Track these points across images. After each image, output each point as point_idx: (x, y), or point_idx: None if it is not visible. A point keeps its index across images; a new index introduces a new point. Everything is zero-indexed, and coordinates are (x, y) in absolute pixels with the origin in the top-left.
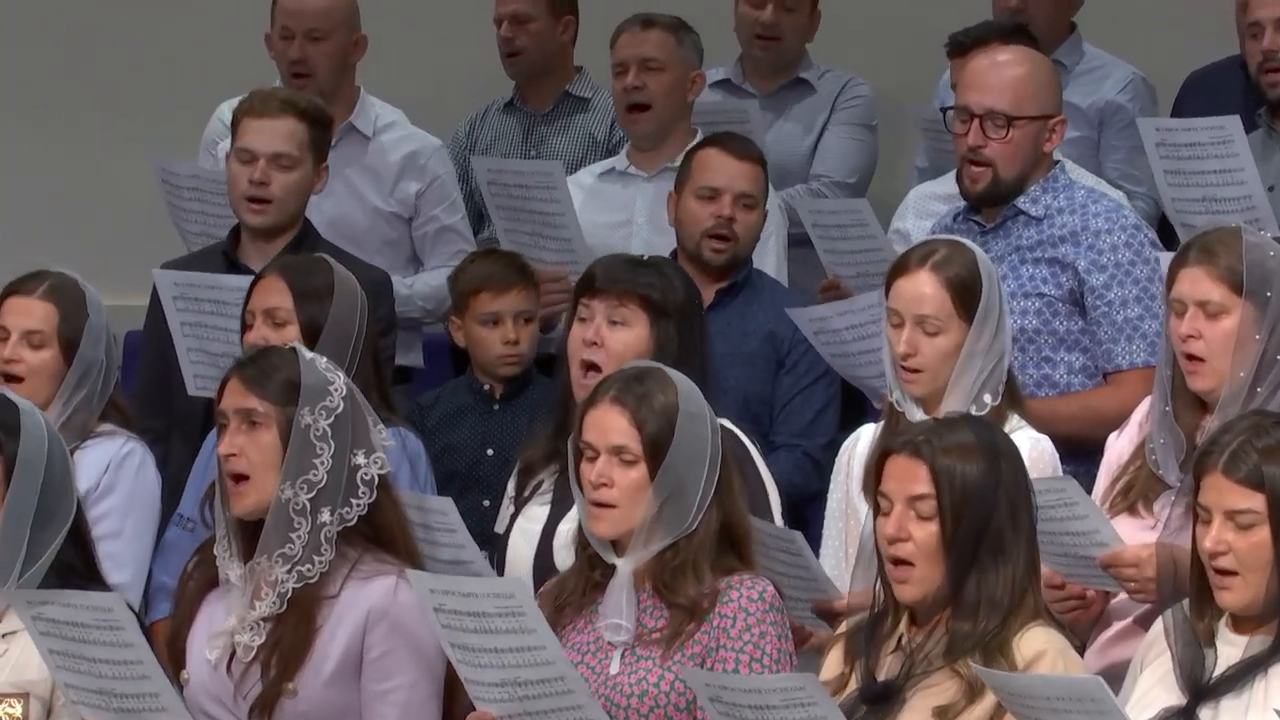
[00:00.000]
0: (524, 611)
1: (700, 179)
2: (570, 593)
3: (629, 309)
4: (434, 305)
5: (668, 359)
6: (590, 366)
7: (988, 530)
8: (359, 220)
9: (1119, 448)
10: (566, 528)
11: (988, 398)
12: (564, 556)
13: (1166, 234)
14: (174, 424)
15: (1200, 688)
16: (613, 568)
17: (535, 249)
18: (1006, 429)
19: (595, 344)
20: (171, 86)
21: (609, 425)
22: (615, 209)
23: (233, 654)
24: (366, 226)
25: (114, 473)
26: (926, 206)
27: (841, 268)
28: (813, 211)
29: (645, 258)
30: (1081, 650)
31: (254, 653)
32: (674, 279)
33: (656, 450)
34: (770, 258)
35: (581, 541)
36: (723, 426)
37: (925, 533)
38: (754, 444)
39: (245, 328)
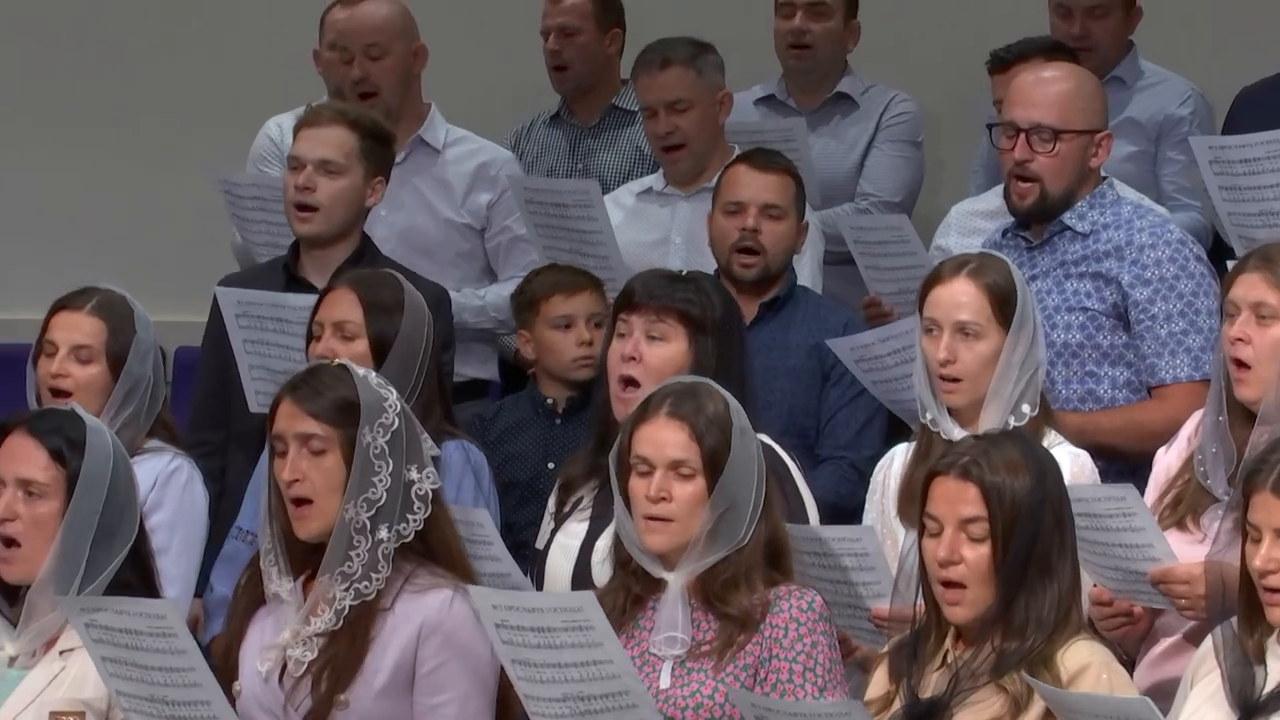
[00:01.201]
0: (592, 625)
1: (726, 195)
2: (612, 608)
3: (667, 324)
4: (507, 316)
5: (706, 374)
6: (629, 382)
7: (1035, 549)
8: (431, 232)
9: (1167, 462)
10: (605, 544)
11: (1026, 408)
12: (601, 572)
13: (1220, 249)
14: (231, 437)
15: (1250, 705)
16: (656, 582)
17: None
18: (1045, 443)
19: (634, 359)
20: (224, 103)
21: (667, 439)
22: (653, 228)
23: (284, 667)
24: (439, 239)
25: (161, 489)
26: (969, 224)
27: (882, 284)
28: (854, 228)
29: (684, 272)
30: (1130, 666)
31: (305, 667)
32: (712, 294)
33: (715, 464)
34: (805, 276)
35: (621, 557)
36: (762, 442)
37: (977, 554)
38: (793, 459)
39: (311, 339)
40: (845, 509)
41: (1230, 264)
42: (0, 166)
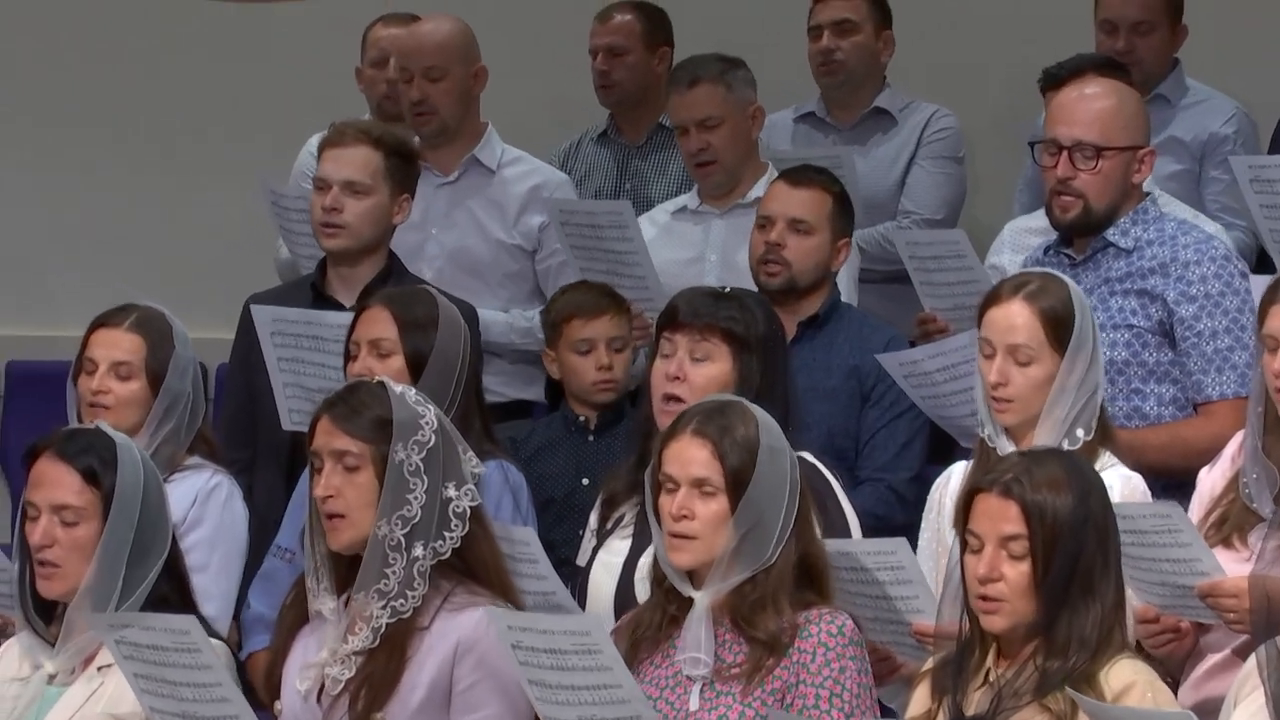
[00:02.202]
0: (600, 649)
1: (761, 209)
2: (647, 627)
3: (711, 343)
4: None
5: (750, 392)
6: (672, 400)
7: (1078, 567)
8: (481, 253)
9: (1211, 480)
10: (648, 561)
11: (1080, 432)
12: (644, 590)
13: (1266, 268)
14: (259, 455)
15: None
16: (690, 602)
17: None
18: (1098, 465)
19: (678, 378)
20: (266, 120)
21: (690, 457)
22: (688, 246)
23: (323, 685)
24: (489, 259)
25: (201, 506)
26: (1022, 240)
27: (937, 300)
28: (909, 244)
29: (727, 290)
30: (1175, 685)
31: (343, 685)
32: (756, 311)
33: (738, 483)
34: (843, 279)
35: (657, 575)
36: (804, 460)
37: (1017, 573)
38: (836, 477)
39: (349, 358)
40: (883, 530)
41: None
42: (42, 185)
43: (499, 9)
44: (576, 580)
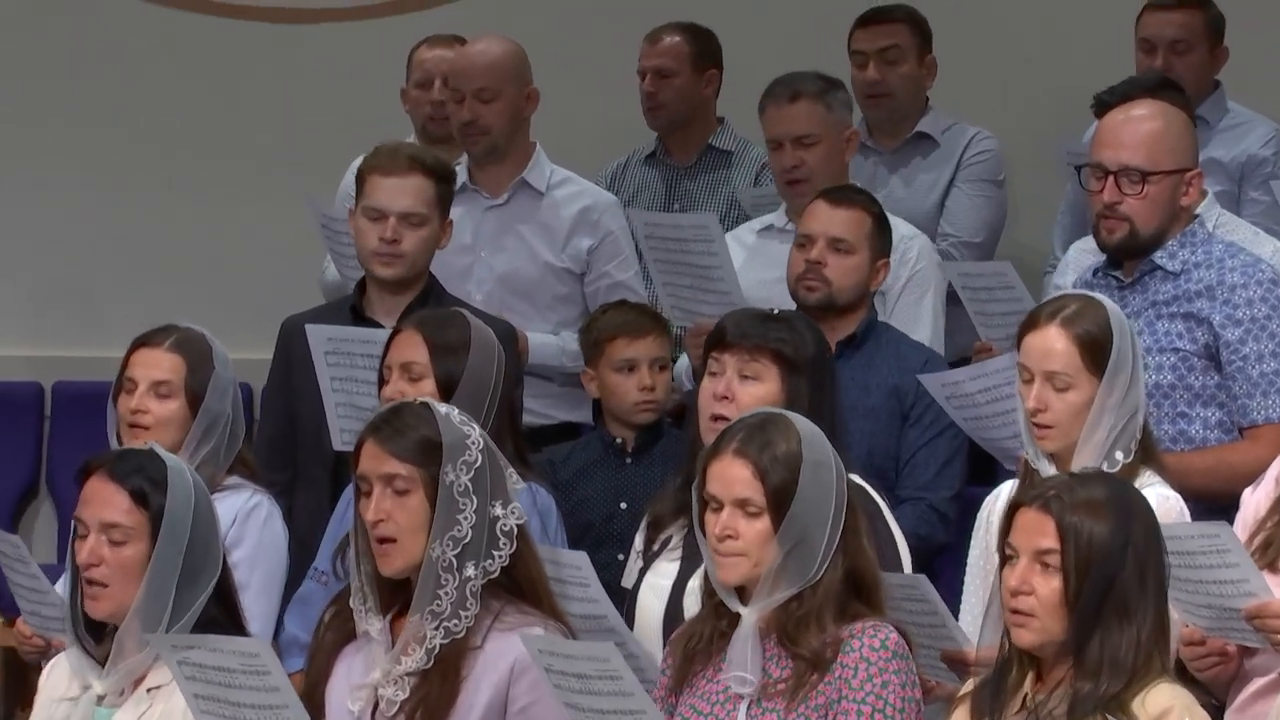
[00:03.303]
0: (620, 675)
1: (800, 228)
2: (699, 640)
3: (760, 364)
4: None
5: (799, 413)
6: (720, 420)
7: (1112, 589)
8: (530, 275)
9: (1255, 502)
10: (697, 584)
11: (1120, 455)
12: (693, 610)
13: None
14: (298, 478)
15: None
16: (738, 617)
17: (694, 302)
18: (1138, 483)
19: (726, 398)
20: (308, 143)
21: (732, 477)
22: (776, 265)
23: (375, 706)
24: (538, 282)
25: (241, 526)
26: (1084, 261)
27: (992, 329)
28: (962, 274)
29: (776, 311)
30: (1220, 709)
31: (398, 706)
32: (805, 333)
33: (780, 501)
34: (926, 317)
35: (708, 589)
36: (852, 481)
37: (1049, 588)
38: (884, 499)
39: (382, 382)
40: (924, 550)
41: None
42: (89, 207)
43: (547, 29)
44: (622, 603)
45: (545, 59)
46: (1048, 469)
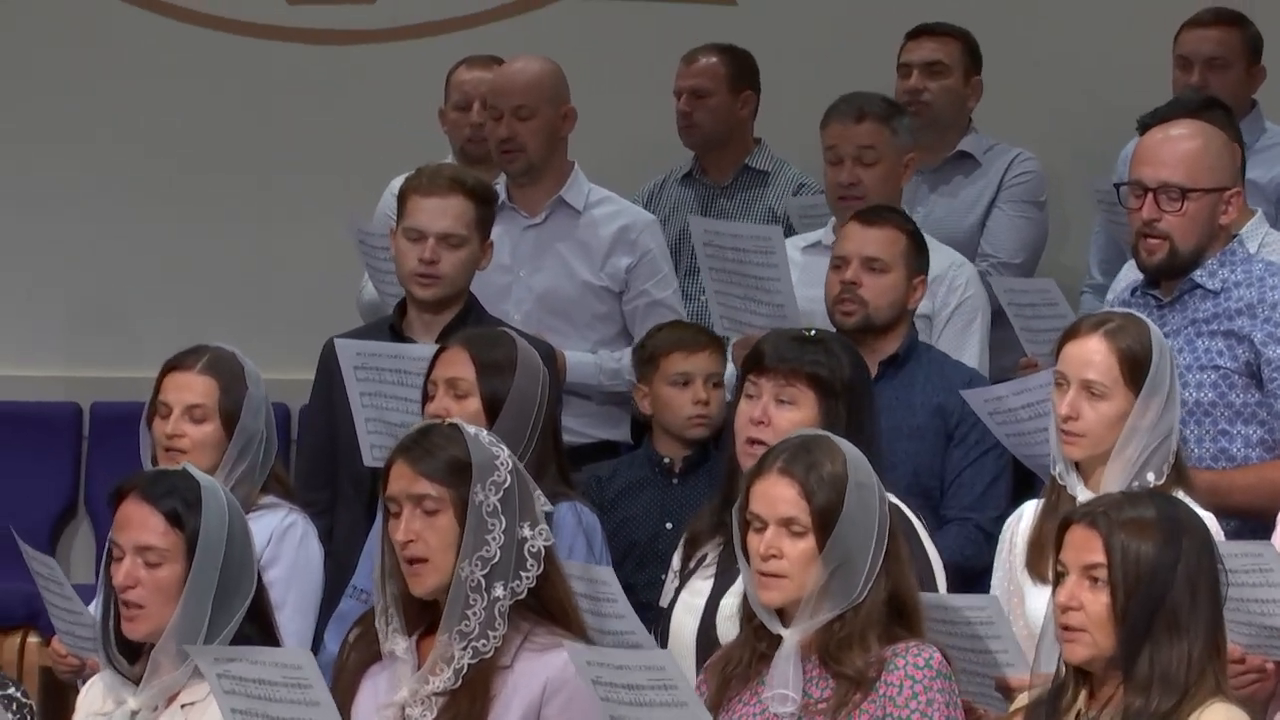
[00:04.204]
0: (675, 684)
1: (835, 249)
2: (737, 664)
3: (797, 388)
4: None
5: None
6: (756, 443)
7: (1162, 606)
8: (569, 294)
9: None
10: (730, 601)
11: (1151, 476)
12: (726, 630)
13: None
14: (340, 496)
15: None
16: (778, 639)
17: (745, 313)
18: None
19: (762, 422)
20: (344, 163)
21: (777, 496)
22: (821, 282)
23: None
24: (576, 300)
25: (276, 545)
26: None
27: (1038, 346)
28: (1008, 290)
29: (813, 333)
30: None
31: None
32: (842, 356)
33: (825, 521)
34: (973, 344)
35: (747, 613)
36: (888, 501)
37: (1098, 603)
38: (920, 520)
39: (426, 398)
40: (971, 570)
41: None
42: (126, 227)
43: (586, 49)
44: (659, 621)
45: (584, 78)
46: (1075, 484)
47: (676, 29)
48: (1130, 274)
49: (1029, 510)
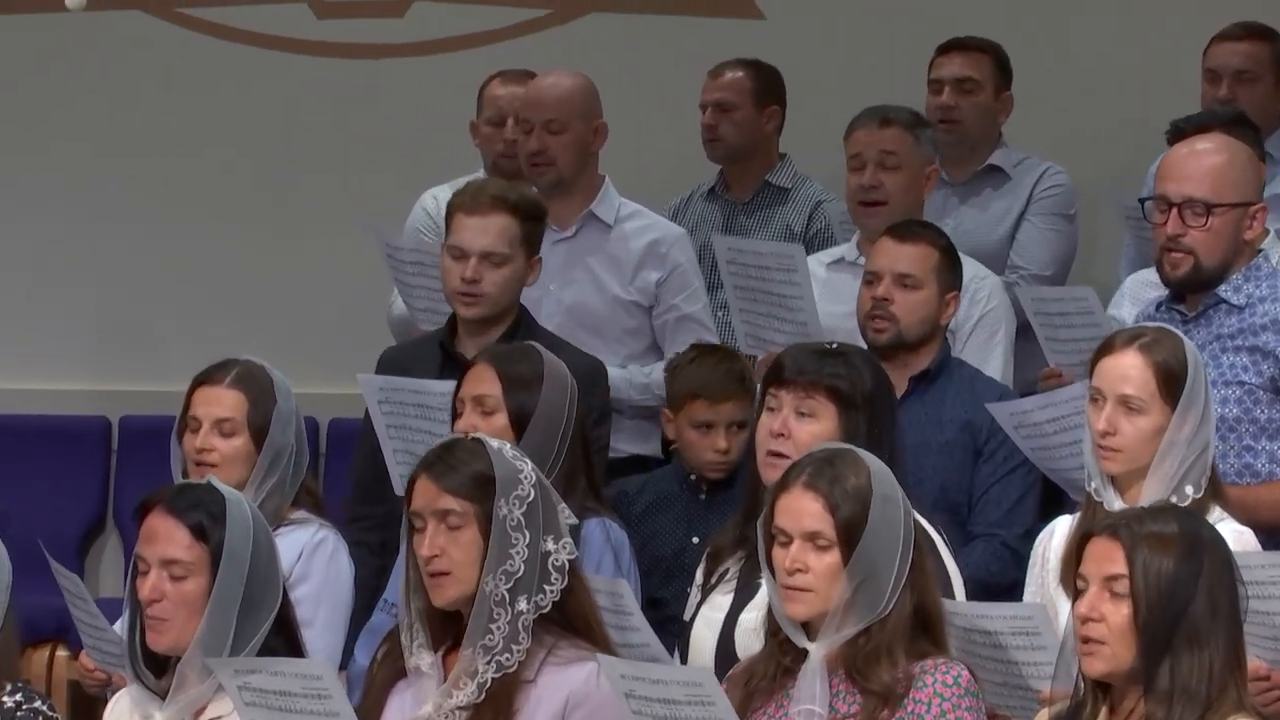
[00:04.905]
0: (713, 700)
1: (867, 264)
2: (761, 678)
3: (817, 400)
4: None
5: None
6: (777, 456)
7: (1183, 619)
8: (599, 308)
9: None
10: (748, 616)
11: (1189, 489)
12: (745, 644)
13: None
14: (394, 511)
15: None
16: (803, 653)
17: (769, 330)
18: (1208, 519)
19: (782, 435)
20: (376, 177)
21: (802, 510)
22: (845, 299)
23: None
24: (606, 314)
25: (306, 561)
26: (1142, 293)
27: (1063, 356)
28: (1035, 300)
29: (834, 346)
30: None
31: None
32: (863, 369)
33: (850, 535)
34: (997, 357)
35: (772, 626)
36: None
37: (1118, 614)
38: (940, 534)
39: (455, 415)
40: (997, 586)
41: None
42: (155, 241)
43: (613, 63)
44: (680, 635)
45: (614, 93)
46: (1112, 498)
47: (704, 44)
48: (1134, 288)
49: (1062, 526)
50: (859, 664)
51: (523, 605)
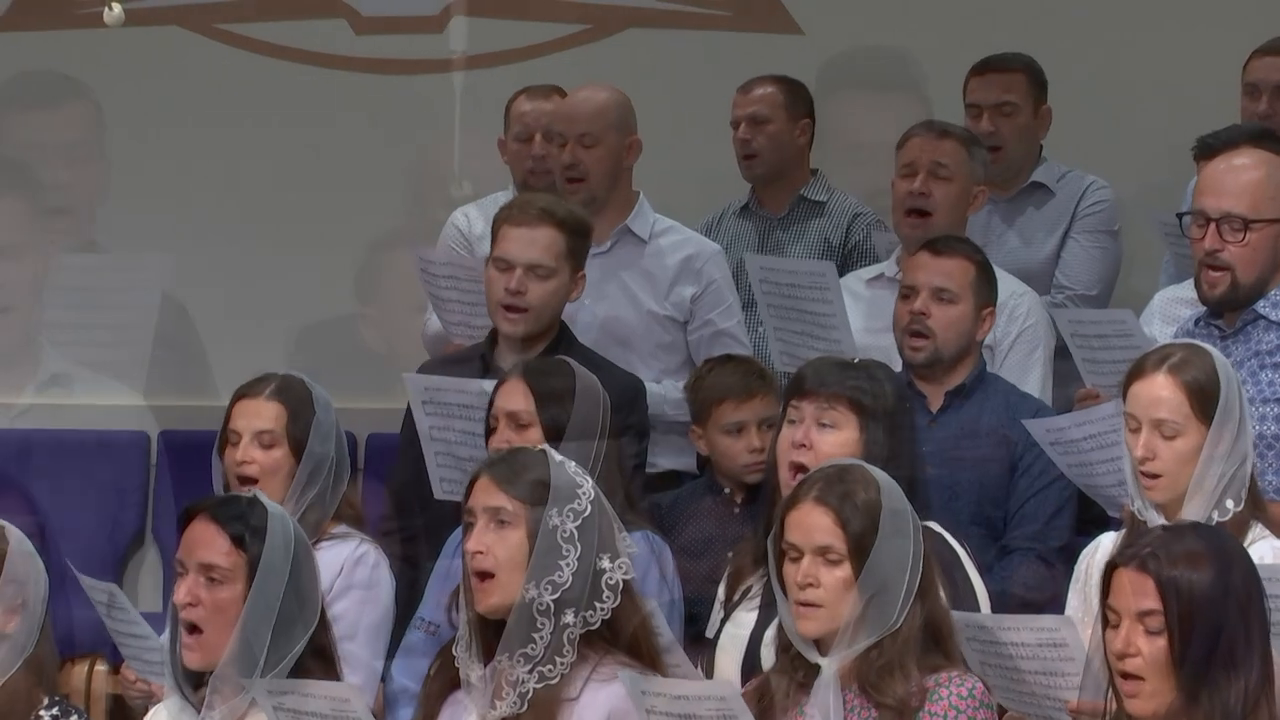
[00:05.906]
0: (736, 715)
1: (904, 279)
2: (774, 694)
3: (838, 411)
4: None
5: (876, 462)
6: (799, 469)
7: (1219, 643)
8: (633, 323)
9: None
10: (773, 633)
11: (1230, 503)
12: (770, 660)
13: None
14: (429, 523)
15: None
16: (816, 668)
17: (803, 349)
18: (1250, 536)
19: (804, 446)
20: (410, 192)
21: (813, 525)
22: (886, 314)
23: None
24: (640, 330)
25: (348, 575)
26: (1173, 311)
27: (1100, 377)
28: (1071, 321)
29: (856, 359)
30: None
31: None
32: (884, 382)
33: (861, 549)
34: (1036, 374)
35: (783, 642)
36: (931, 530)
37: (1154, 648)
38: (964, 547)
39: (490, 431)
40: (1034, 601)
41: None
42: (194, 256)
43: (646, 79)
44: (704, 652)
45: (646, 109)
46: (1156, 519)
47: (738, 59)
48: (1163, 305)
49: (1106, 541)
50: (872, 678)
51: (569, 619)
